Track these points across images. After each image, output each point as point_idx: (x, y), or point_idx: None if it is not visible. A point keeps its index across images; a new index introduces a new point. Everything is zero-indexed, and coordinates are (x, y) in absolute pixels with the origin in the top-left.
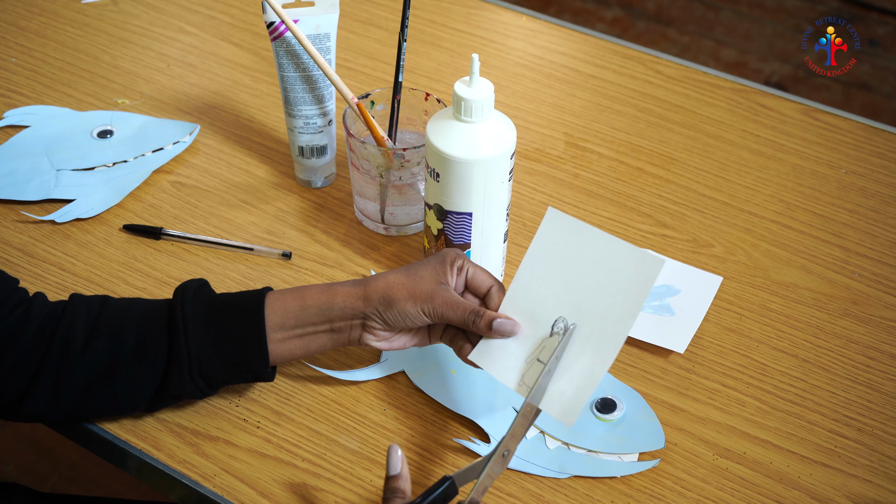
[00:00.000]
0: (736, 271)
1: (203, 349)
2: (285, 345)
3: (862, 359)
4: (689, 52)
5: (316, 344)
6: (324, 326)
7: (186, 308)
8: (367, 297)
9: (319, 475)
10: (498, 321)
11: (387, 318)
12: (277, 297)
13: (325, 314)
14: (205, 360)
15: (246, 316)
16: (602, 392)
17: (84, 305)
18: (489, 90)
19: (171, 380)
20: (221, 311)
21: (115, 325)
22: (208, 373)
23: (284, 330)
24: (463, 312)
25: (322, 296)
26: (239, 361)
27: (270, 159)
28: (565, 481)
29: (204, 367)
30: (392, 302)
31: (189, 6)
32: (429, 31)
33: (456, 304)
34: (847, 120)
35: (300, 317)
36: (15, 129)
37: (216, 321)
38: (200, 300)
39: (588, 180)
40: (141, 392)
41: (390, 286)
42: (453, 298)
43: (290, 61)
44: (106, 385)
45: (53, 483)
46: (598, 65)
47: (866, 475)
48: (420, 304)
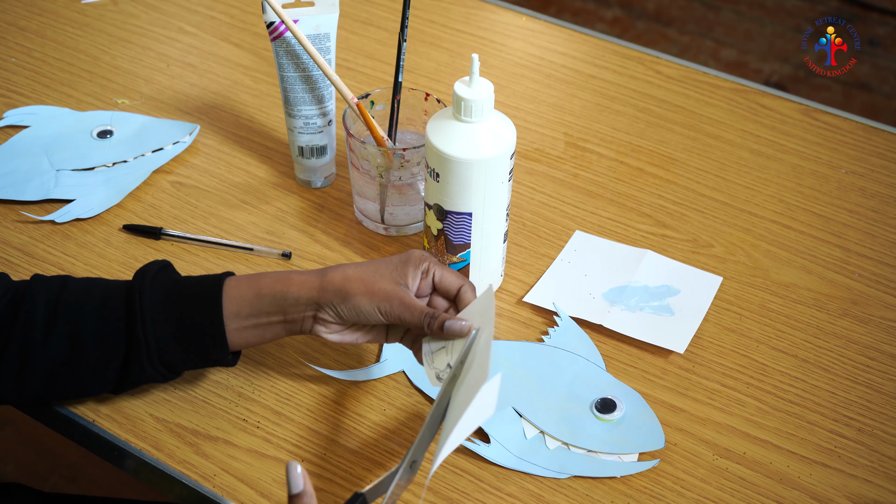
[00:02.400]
0: (736, 271)
1: (161, 337)
2: (241, 334)
3: (862, 359)
4: (689, 52)
5: (270, 333)
6: (277, 317)
7: (145, 294)
8: (323, 288)
9: (319, 475)
10: (448, 322)
11: (340, 311)
12: (233, 285)
13: (278, 304)
14: (163, 347)
15: (203, 304)
16: (602, 392)
17: (44, 289)
18: (489, 90)
19: (131, 367)
20: (179, 298)
21: (74, 309)
22: (168, 360)
23: (240, 319)
24: (419, 315)
25: (277, 284)
26: (198, 349)
27: (270, 159)
28: (565, 481)
29: (163, 354)
30: (347, 296)
31: (189, 6)
32: (429, 31)
33: (413, 307)
34: (847, 120)
35: (255, 306)
36: (15, 129)
37: (174, 308)
38: (159, 286)
39: (588, 180)
40: (104, 377)
41: (348, 279)
42: (410, 300)
43: (290, 61)
44: (69, 371)
45: (53, 483)
46: (598, 65)
47: (866, 475)
48: (377, 302)
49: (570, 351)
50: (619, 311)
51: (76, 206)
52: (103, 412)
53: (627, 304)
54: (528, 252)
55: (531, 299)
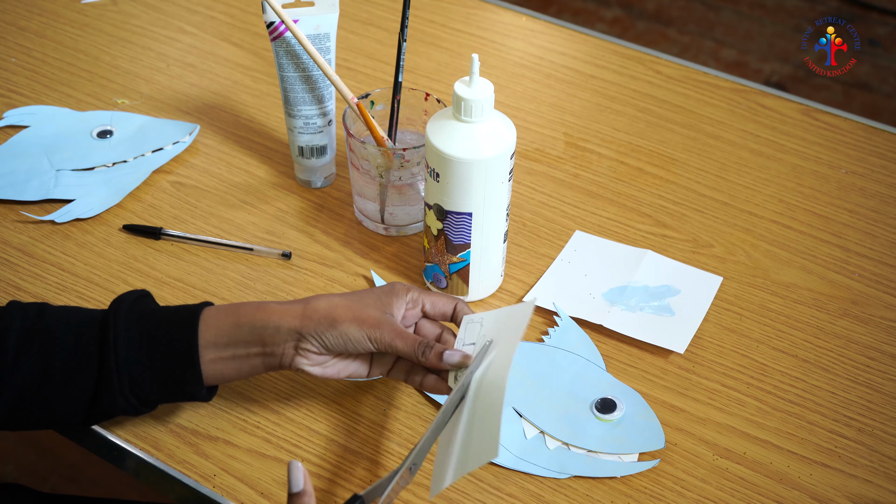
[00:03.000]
0: (736, 271)
1: (134, 367)
2: (217, 365)
3: (862, 359)
4: (689, 52)
5: (248, 366)
6: (256, 348)
7: (119, 323)
8: (306, 316)
9: (319, 475)
10: (447, 353)
11: (326, 339)
12: (212, 314)
13: (258, 333)
14: (136, 378)
15: (179, 331)
16: (602, 392)
17: (19, 315)
18: (489, 90)
19: (102, 397)
20: (154, 326)
21: (47, 337)
22: (140, 391)
23: (217, 349)
24: (413, 343)
25: (257, 313)
26: (171, 380)
27: (270, 159)
28: (565, 481)
29: (135, 385)
30: (335, 322)
31: (189, 6)
32: (429, 31)
33: (404, 335)
34: (847, 120)
35: (232, 335)
36: (15, 129)
37: (149, 337)
38: (135, 314)
39: (588, 180)
40: (74, 408)
41: (334, 307)
42: (401, 328)
43: (290, 61)
44: (37, 400)
45: (53, 483)
46: (598, 65)
47: (866, 475)
48: (367, 329)
49: (570, 351)
50: (619, 311)
51: (76, 206)
52: None
53: (627, 304)
54: (528, 252)
55: (531, 299)
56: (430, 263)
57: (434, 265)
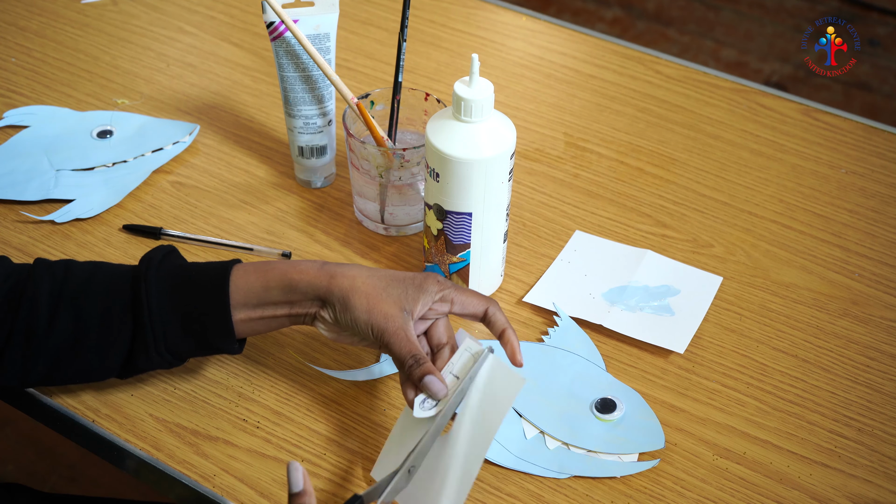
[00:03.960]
0: (736, 271)
1: (167, 325)
2: (248, 324)
3: (862, 359)
4: (689, 52)
5: (276, 324)
6: (284, 309)
7: (151, 282)
8: (329, 290)
9: (319, 475)
10: (429, 378)
11: (339, 317)
12: (241, 275)
13: (286, 296)
14: (170, 336)
15: (210, 293)
16: (602, 392)
17: (47, 273)
18: (489, 90)
19: (137, 355)
20: (186, 286)
21: (78, 294)
22: (174, 347)
23: (247, 309)
24: (406, 353)
25: (284, 276)
26: (204, 338)
27: (270, 159)
28: (565, 481)
29: (169, 342)
30: (347, 307)
31: (189, 6)
32: (429, 31)
33: (403, 340)
34: (847, 120)
35: (262, 297)
36: (15, 129)
37: (180, 297)
38: (165, 273)
39: (588, 180)
40: (110, 363)
41: (355, 290)
42: (405, 333)
43: (290, 61)
44: (73, 359)
45: (53, 483)
46: (598, 65)
47: (866, 475)
48: (373, 320)
49: (570, 351)
50: (619, 311)
51: (76, 206)
52: (103, 412)
53: (627, 304)
54: (528, 252)
55: (531, 299)
56: (430, 263)
57: (434, 265)
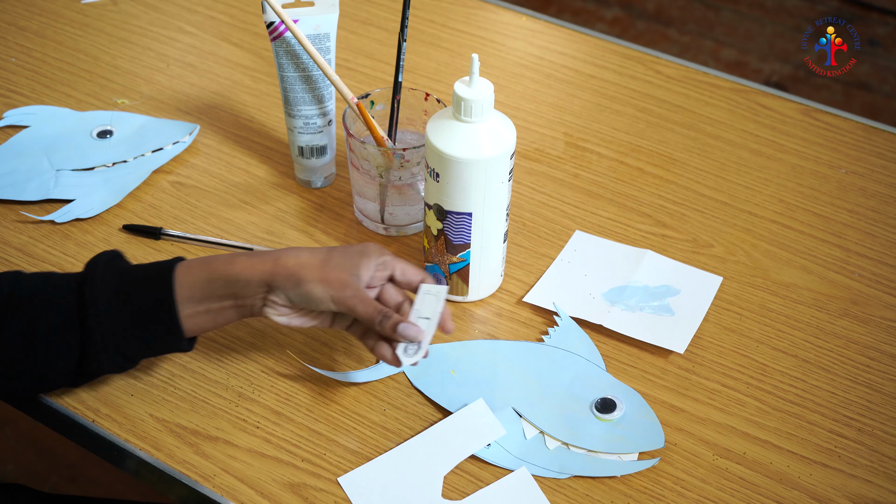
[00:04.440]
0: (736, 271)
1: (116, 327)
2: (194, 319)
3: (862, 359)
4: (689, 52)
5: (223, 317)
6: (229, 301)
7: (97, 285)
8: (275, 272)
9: (319, 475)
10: (402, 325)
11: (290, 296)
12: (185, 270)
13: (230, 287)
14: (119, 337)
15: (155, 291)
16: (602, 392)
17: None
18: (489, 90)
19: (88, 358)
20: (131, 286)
21: (27, 304)
22: (124, 349)
23: (192, 303)
24: (372, 310)
25: (228, 267)
26: (153, 337)
27: (270, 159)
28: (565, 481)
29: (119, 344)
30: (300, 282)
31: (189, 6)
32: (429, 31)
33: (366, 301)
34: (847, 120)
35: (206, 290)
36: (15, 129)
37: (127, 297)
38: (111, 275)
39: (588, 180)
40: (62, 370)
41: (302, 265)
42: (365, 294)
43: (290, 61)
44: (24, 368)
45: (53, 483)
46: (598, 65)
47: (866, 475)
48: (331, 290)
49: (570, 351)
50: (619, 311)
51: (76, 206)
52: (103, 412)
53: (627, 304)
54: (528, 252)
55: (531, 299)
56: (430, 263)
57: (434, 265)
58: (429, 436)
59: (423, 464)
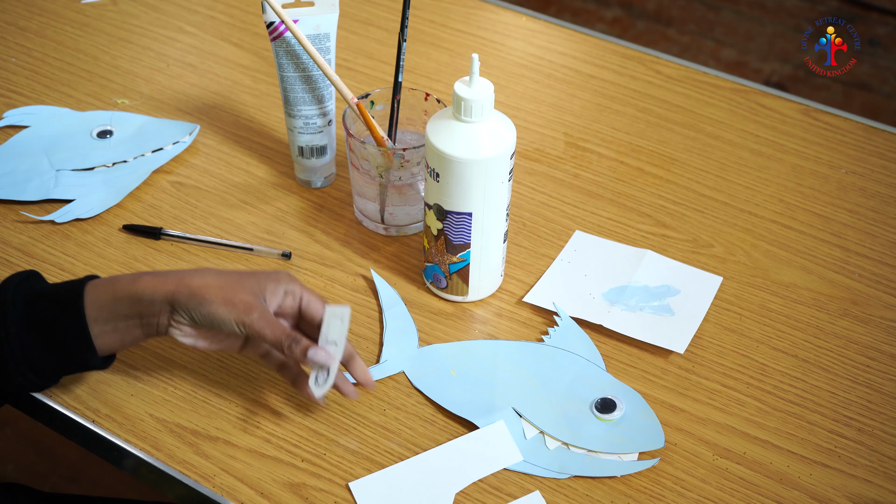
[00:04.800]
0: (736, 271)
1: (26, 345)
2: (103, 338)
3: (862, 359)
4: (689, 52)
5: (130, 336)
6: (134, 321)
7: (7, 305)
8: (177, 291)
9: (319, 475)
10: (312, 350)
11: (195, 315)
12: (92, 290)
13: (134, 306)
14: (31, 355)
15: (66, 310)
16: (602, 392)
17: None
18: (489, 90)
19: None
20: (43, 304)
21: None
22: (37, 366)
23: (100, 323)
24: (280, 334)
25: (132, 286)
26: (66, 354)
27: (270, 159)
28: (565, 481)
29: (32, 364)
30: (203, 301)
31: (189, 6)
32: (429, 31)
33: (274, 324)
34: (847, 120)
35: (112, 310)
36: (15, 129)
37: (38, 316)
38: (22, 295)
39: (588, 180)
40: None
41: (206, 286)
42: (271, 317)
43: (290, 61)
44: None
45: (53, 483)
46: (598, 65)
47: (866, 475)
48: (235, 313)
49: (570, 351)
50: (619, 311)
51: (76, 206)
52: (103, 412)
53: (627, 304)
54: (528, 252)
55: (531, 299)
56: (430, 263)
57: (434, 265)
58: (445, 451)
59: (435, 478)
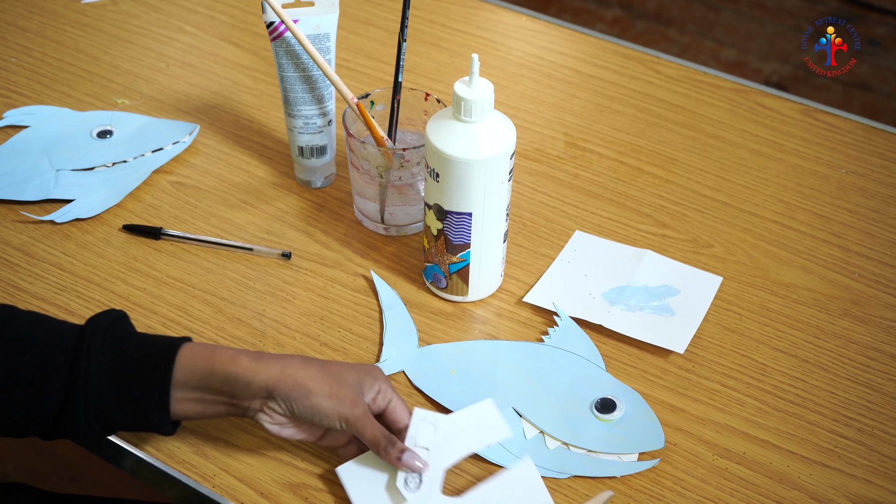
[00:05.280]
0: (736, 271)
1: (102, 396)
2: (182, 404)
3: (862, 359)
4: (689, 52)
5: (211, 411)
6: (224, 397)
7: (94, 345)
8: (281, 380)
9: (319, 475)
10: (408, 455)
11: (294, 408)
12: (187, 354)
13: (229, 384)
14: (103, 407)
15: (153, 370)
16: (602, 392)
17: None
18: (489, 90)
19: (65, 419)
20: (130, 354)
21: (16, 346)
22: (105, 419)
23: (186, 390)
24: (379, 435)
25: (230, 364)
26: (138, 413)
27: (270, 159)
28: (565, 481)
29: (101, 413)
30: (308, 394)
31: (189, 6)
32: (429, 31)
33: (374, 423)
34: (847, 120)
35: (204, 381)
36: (15, 129)
37: (122, 366)
38: (111, 337)
39: (588, 180)
40: (35, 422)
41: (311, 377)
42: (372, 417)
43: (290, 61)
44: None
45: (53, 483)
46: (598, 65)
47: (866, 475)
48: (342, 407)
49: (570, 351)
50: (619, 311)
51: (76, 206)
52: None
53: (627, 304)
54: (528, 252)
55: (531, 299)
56: (430, 263)
57: (434, 265)
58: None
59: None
